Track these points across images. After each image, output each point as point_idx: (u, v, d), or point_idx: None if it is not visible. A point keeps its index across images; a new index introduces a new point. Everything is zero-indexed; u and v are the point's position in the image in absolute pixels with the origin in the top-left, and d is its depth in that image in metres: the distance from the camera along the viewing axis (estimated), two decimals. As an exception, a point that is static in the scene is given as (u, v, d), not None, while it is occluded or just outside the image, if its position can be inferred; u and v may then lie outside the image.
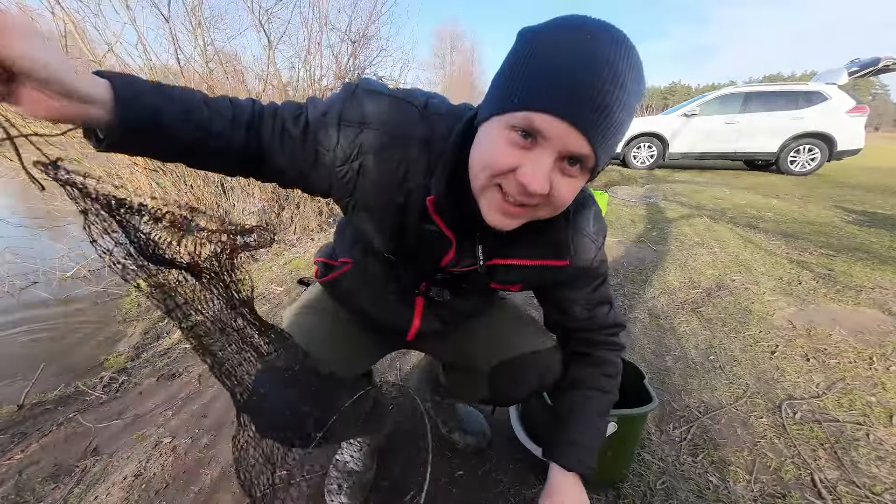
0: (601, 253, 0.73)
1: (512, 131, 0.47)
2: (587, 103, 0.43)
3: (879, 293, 2.20)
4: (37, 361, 1.78)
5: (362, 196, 0.61)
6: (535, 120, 0.45)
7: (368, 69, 4.59)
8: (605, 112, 0.43)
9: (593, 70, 0.42)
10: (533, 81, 0.44)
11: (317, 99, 0.61)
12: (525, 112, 0.45)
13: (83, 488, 1.11)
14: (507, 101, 0.47)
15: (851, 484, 1.07)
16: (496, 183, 0.50)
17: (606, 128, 0.45)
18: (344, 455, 1.09)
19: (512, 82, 0.46)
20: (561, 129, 0.44)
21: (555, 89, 0.43)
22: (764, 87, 7.43)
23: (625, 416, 0.94)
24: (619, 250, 3.08)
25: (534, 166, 0.46)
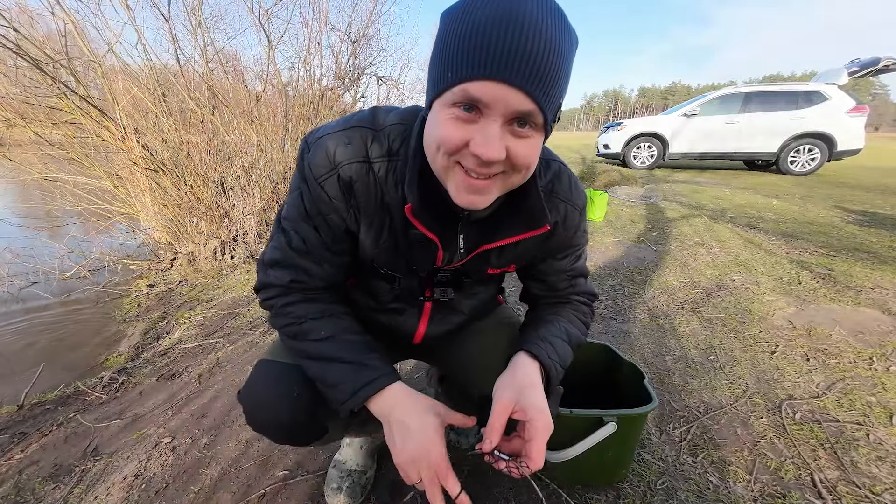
0: (583, 220, 0.76)
1: (454, 108, 0.47)
2: (515, 59, 0.43)
3: (879, 293, 2.20)
4: (37, 361, 1.78)
5: (364, 225, 0.65)
6: (470, 90, 0.45)
7: (368, 69, 4.59)
8: (535, 64, 0.43)
9: (513, 25, 0.42)
10: (459, 54, 0.45)
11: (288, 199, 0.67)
12: (459, 85, 0.45)
13: (83, 488, 1.11)
14: (441, 81, 0.48)
15: (851, 484, 1.07)
16: (455, 161, 0.51)
17: (542, 78, 0.44)
18: (344, 455, 1.09)
19: (442, 62, 0.47)
20: (497, 91, 0.44)
21: (480, 54, 0.43)
22: (764, 87, 7.43)
23: (625, 416, 0.94)
24: (619, 250, 3.08)
25: (483, 136, 0.47)
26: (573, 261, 0.79)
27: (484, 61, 0.43)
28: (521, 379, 0.65)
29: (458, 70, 0.45)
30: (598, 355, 1.24)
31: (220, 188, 3.28)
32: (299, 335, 0.67)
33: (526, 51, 0.43)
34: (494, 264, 0.73)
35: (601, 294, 2.33)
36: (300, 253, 0.66)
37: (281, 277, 0.68)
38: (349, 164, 0.59)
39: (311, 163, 0.60)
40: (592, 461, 0.99)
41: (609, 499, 1.04)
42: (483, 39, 0.43)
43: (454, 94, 0.46)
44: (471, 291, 0.84)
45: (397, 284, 0.76)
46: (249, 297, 2.43)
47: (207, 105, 3.21)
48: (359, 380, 0.62)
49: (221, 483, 1.11)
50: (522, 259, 0.76)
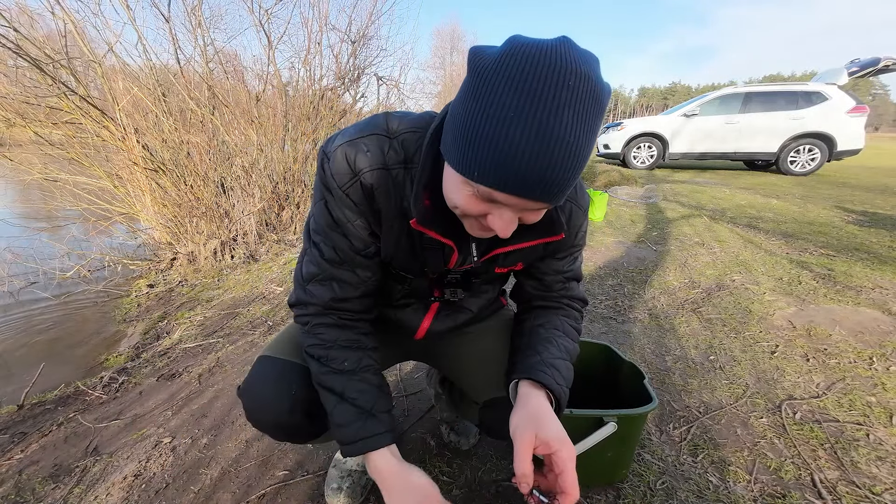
0: (586, 220, 0.78)
1: (477, 193, 0.49)
2: (541, 185, 0.44)
3: (879, 293, 2.20)
4: (37, 361, 1.78)
5: (385, 228, 0.67)
6: (494, 195, 0.47)
7: (368, 69, 4.59)
8: (559, 185, 0.45)
9: (548, 153, 0.42)
10: (486, 160, 0.44)
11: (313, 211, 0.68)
12: (484, 187, 0.47)
13: (83, 488, 1.11)
14: (464, 168, 0.47)
15: (851, 484, 1.07)
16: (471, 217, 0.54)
17: (560, 192, 0.46)
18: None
19: (468, 148, 0.46)
20: (518, 202, 0.47)
21: (508, 174, 0.44)
22: (764, 87, 7.43)
23: (625, 416, 0.94)
24: (619, 250, 3.08)
25: (499, 219, 0.51)
26: (570, 262, 0.80)
27: (509, 180, 0.44)
28: (535, 412, 0.64)
29: (486, 178, 0.46)
30: (598, 355, 1.24)
31: (220, 188, 3.28)
32: (323, 359, 0.68)
33: (553, 177, 0.44)
34: (502, 264, 0.75)
35: (601, 294, 2.33)
36: (334, 263, 0.67)
37: (320, 295, 0.69)
38: (370, 171, 0.60)
39: (333, 172, 0.61)
40: (592, 461, 0.99)
41: (609, 499, 1.04)
42: (510, 156, 0.42)
43: (478, 188, 0.48)
44: (478, 291, 0.85)
45: (408, 285, 0.77)
46: (249, 297, 2.43)
47: (207, 105, 3.21)
48: (364, 430, 0.65)
49: (221, 483, 1.11)
50: (529, 258, 0.77)
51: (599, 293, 2.34)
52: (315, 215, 0.67)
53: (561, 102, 0.41)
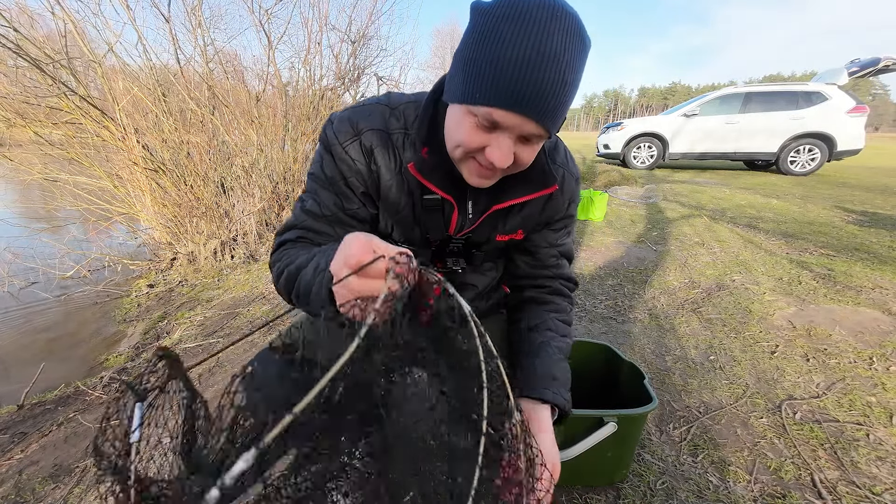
0: (577, 190, 0.80)
1: (475, 117, 0.55)
2: (535, 99, 0.50)
3: (879, 293, 2.20)
4: (37, 361, 1.78)
5: (383, 192, 0.69)
6: (493, 115, 0.53)
7: (368, 69, 4.59)
8: (551, 102, 0.51)
9: (541, 68, 0.49)
10: (487, 80, 0.51)
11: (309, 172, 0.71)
12: (486, 108, 0.53)
13: (83, 488, 1.11)
14: (468, 95, 0.54)
15: (851, 484, 1.07)
16: (471, 156, 0.59)
17: (554, 112, 0.53)
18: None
19: (470, 76, 0.53)
20: (516, 120, 0.53)
21: (506, 89, 0.50)
22: (764, 87, 7.43)
23: (625, 416, 0.94)
24: (619, 250, 3.08)
25: (498, 147, 0.56)
26: (564, 235, 0.83)
27: (507, 96, 0.50)
28: (534, 427, 0.66)
29: (486, 97, 0.52)
30: (598, 355, 1.24)
31: (220, 188, 3.28)
32: (287, 264, 0.62)
33: (546, 94, 0.50)
34: (501, 230, 0.76)
35: (601, 294, 2.33)
36: (313, 216, 0.69)
37: (291, 235, 0.69)
38: (370, 130, 0.65)
39: (335, 130, 0.66)
40: (592, 461, 0.99)
41: (609, 499, 1.04)
42: (509, 77, 0.49)
43: (478, 111, 0.54)
44: (481, 267, 0.85)
45: None
46: (250, 297, 2.43)
47: (207, 105, 3.21)
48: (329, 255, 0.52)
49: (221, 483, 1.10)
50: (527, 225, 0.78)
51: (599, 293, 2.34)
52: (309, 177, 0.70)
53: (552, 29, 0.48)
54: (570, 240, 0.85)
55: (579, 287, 2.39)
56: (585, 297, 2.30)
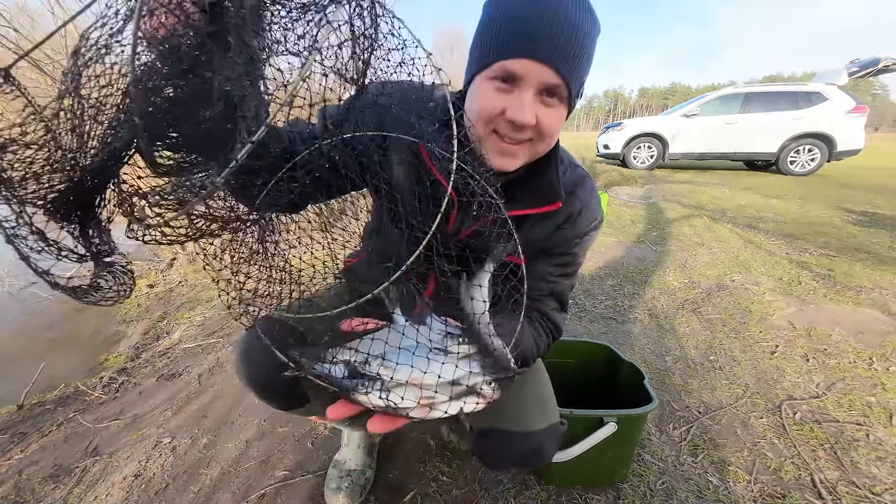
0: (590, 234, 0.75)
1: (494, 80, 0.57)
2: (546, 42, 0.53)
3: (879, 293, 2.20)
4: (36, 361, 1.78)
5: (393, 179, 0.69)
6: (508, 65, 0.55)
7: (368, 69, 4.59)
8: (562, 45, 0.53)
9: (545, 13, 0.53)
10: (500, 36, 0.55)
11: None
12: (500, 62, 0.55)
13: (83, 488, 1.11)
14: (484, 58, 0.57)
15: (851, 484, 1.07)
16: (492, 129, 0.60)
17: (568, 57, 0.54)
18: (343, 454, 1.09)
19: (484, 43, 0.57)
20: (531, 67, 0.54)
21: (518, 37, 0.54)
22: (764, 87, 7.43)
23: (624, 416, 0.94)
24: (619, 250, 3.08)
25: (519, 103, 0.56)
26: (560, 273, 0.76)
27: (520, 43, 0.54)
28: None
29: (499, 50, 0.55)
30: (598, 355, 1.24)
31: (220, 188, 3.27)
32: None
33: (555, 34, 0.53)
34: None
35: (601, 294, 2.33)
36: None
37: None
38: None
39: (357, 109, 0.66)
40: (592, 461, 0.99)
41: (609, 499, 1.04)
42: (520, 25, 0.54)
43: (494, 69, 0.56)
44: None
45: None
46: (249, 298, 2.43)
47: (207, 105, 3.21)
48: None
49: (221, 483, 1.11)
50: (530, 250, 0.73)
51: (599, 293, 2.34)
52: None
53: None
54: (566, 283, 0.77)
55: (579, 287, 2.39)
56: (585, 297, 2.30)
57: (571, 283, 0.79)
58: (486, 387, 0.46)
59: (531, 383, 0.82)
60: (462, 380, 0.45)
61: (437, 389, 0.44)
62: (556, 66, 0.54)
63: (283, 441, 1.25)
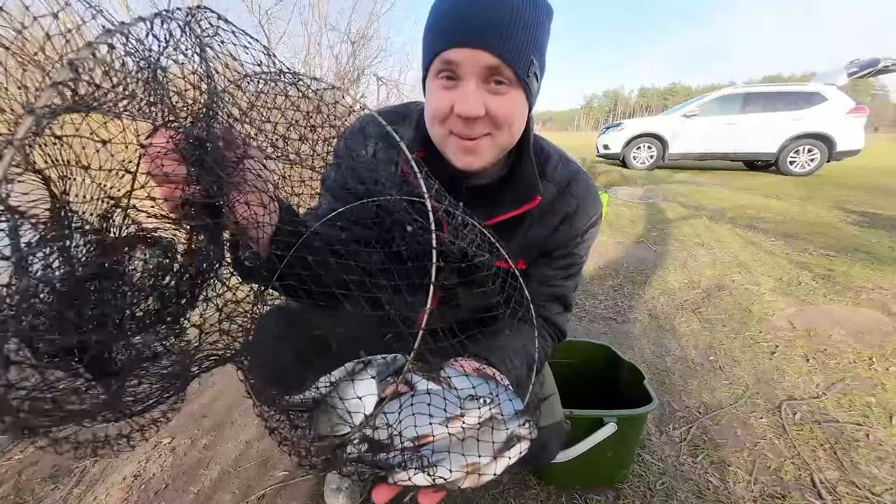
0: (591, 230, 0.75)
1: (439, 78, 0.57)
2: (476, 26, 0.52)
3: (879, 294, 2.20)
4: (36, 362, 1.78)
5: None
6: (445, 56, 0.55)
7: (368, 69, 4.60)
8: (493, 25, 0.52)
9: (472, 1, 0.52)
10: (434, 30, 0.56)
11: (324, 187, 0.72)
12: (437, 57, 0.56)
13: (82, 489, 1.11)
14: (425, 57, 0.58)
15: (851, 484, 1.07)
16: (448, 130, 0.59)
17: (501, 37, 0.52)
18: (343, 455, 1.09)
19: (425, 42, 0.58)
20: (465, 53, 0.54)
21: (447, 27, 0.55)
22: (763, 87, 7.44)
23: (625, 416, 0.94)
24: (619, 250, 3.08)
25: (463, 95, 0.56)
26: (562, 276, 0.75)
27: (452, 32, 0.54)
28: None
29: (434, 43, 0.56)
30: (598, 355, 1.24)
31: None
32: None
33: (484, 16, 0.52)
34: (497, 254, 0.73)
35: (601, 294, 2.33)
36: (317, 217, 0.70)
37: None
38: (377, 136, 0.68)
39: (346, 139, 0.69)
40: (592, 462, 0.99)
41: (609, 499, 1.04)
42: (451, 15, 0.54)
43: (436, 65, 0.56)
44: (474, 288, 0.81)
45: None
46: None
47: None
48: None
49: (221, 484, 1.10)
50: (528, 254, 0.74)
51: (599, 293, 2.34)
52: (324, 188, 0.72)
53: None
54: (569, 284, 0.76)
55: (579, 287, 2.39)
56: (585, 297, 2.30)
57: (575, 284, 0.79)
58: (523, 430, 0.45)
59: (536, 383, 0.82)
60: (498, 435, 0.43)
61: (480, 453, 0.42)
62: (490, 47, 0.52)
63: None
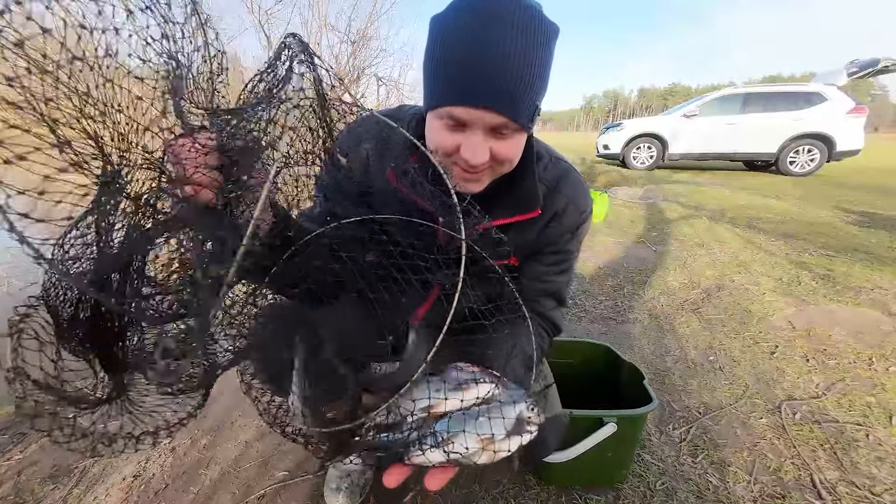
0: (582, 227, 0.75)
1: (444, 120, 0.57)
2: (483, 89, 0.53)
3: (879, 294, 2.20)
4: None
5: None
6: (452, 112, 0.55)
7: (368, 70, 4.60)
8: (501, 89, 0.53)
9: (483, 57, 0.51)
10: (441, 80, 0.56)
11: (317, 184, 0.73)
12: (444, 108, 0.56)
13: (82, 489, 1.11)
14: (431, 99, 0.58)
15: (851, 484, 1.07)
16: (452, 161, 0.60)
17: (508, 99, 0.54)
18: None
19: (430, 82, 0.58)
20: (473, 113, 0.55)
21: (457, 85, 0.54)
22: (763, 87, 7.44)
23: (625, 416, 0.94)
24: (619, 250, 3.08)
25: (469, 144, 0.57)
26: (554, 272, 0.76)
27: (460, 91, 0.54)
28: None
29: (442, 96, 0.56)
30: (598, 356, 1.24)
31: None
32: None
33: (492, 78, 0.52)
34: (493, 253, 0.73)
35: (601, 294, 2.33)
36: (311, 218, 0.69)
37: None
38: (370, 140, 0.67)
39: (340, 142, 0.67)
40: (592, 462, 0.99)
41: (609, 499, 1.04)
42: (458, 70, 0.53)
43: (441, 112, 0.57)
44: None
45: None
46: (249, 298, 2.43)
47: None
48: None
49: (221, 484, 1.10)
50: (521, 252, 0.75)
51: (599, 293, 2.34)
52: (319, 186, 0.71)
53: (492, 23, 0.51)
54: (562, 279, 0.78)
55: (579, 287, 2.39)
56: (585, 297, 2.30)
57: (568, 279, 0.80)
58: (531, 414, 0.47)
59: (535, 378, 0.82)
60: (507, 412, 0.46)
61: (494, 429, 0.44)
62: (498, 109, 0.54)
63: (283, 441, 1.24)
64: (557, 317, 0.80)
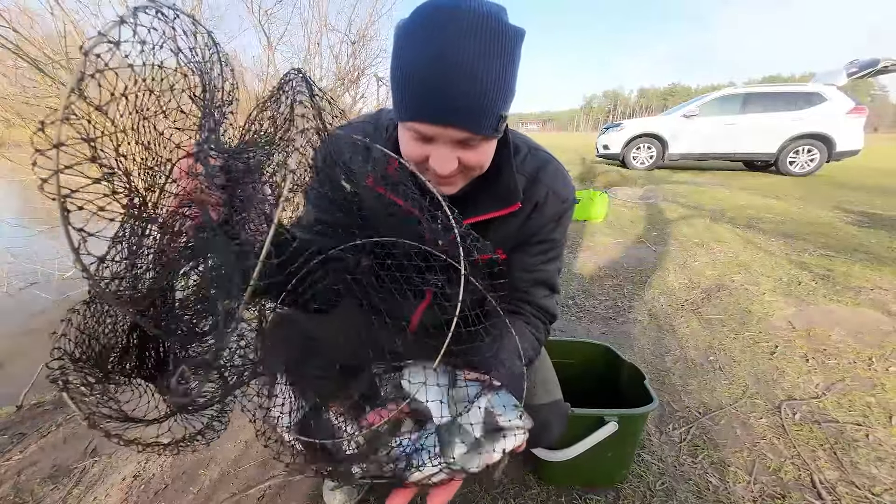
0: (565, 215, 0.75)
1: (411, 132, 0.57)
2: (444, 106, 0.52)
3: (879, 294, 2.20)
4: (35, 362, 1.78)
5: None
6: (417, 128, 0.55)
7: (368, 70, 4.60)
8: (461, 105, 0.51)
9: (442, 76, 0.50)
10: (406, 96, 0.54)
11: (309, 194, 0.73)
12: (409, 123, 0.56)
13: (82, 489, 1.11)
14: (397, 112, 0.58)
15: (851, 485, 1.07)
16: (423, 168, 0.60)
17: (469, 113, 0.52)
18: (343, 455, 1.09)
19: (396, 93, 0.56)
20: (436, 129, 0.54)
21: (418, 101, 0.53)
22: (763, 88, 7.43)
23: (624, 416, 0.94)
24: (619, 250, 3.08)
25: (437, 157, 0.57)
26: (541, 262, 0.77)
27: (424, 109, 0.53)
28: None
29: (406, 112, 0.55)
30: (598, 356, 1.24)
31: (220, 188, 3.27)
32: None
33: (454, 96, 0.51)
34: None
35: (601, 294, 2.33)
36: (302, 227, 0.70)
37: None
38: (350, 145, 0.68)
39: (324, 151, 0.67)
40: (593, 461, 0.99)
41: (609, 499, 1.04)
42: (421, 89, 0.52)
43: (406, 126, 0.57)
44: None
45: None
46: (249, 298, 2.43)
47: (207, 105, 3.21)
48: None
49: (221, 484, 1.10)
50: (508, 244, 0.75)
51: (599, 293, 2.34)
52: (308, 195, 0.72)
53: (448, 35, 0.49)
54: (551, 268, 0.79)
55: (579, 287, 2.39)
56: (585, 297, 2.30)
57: (557, 267, 0.80)
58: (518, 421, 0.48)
59: (534, 370, 0.84)
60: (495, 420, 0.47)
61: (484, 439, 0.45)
62: (461, 126, 0.53)
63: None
64: (551, 305, 0.80)
